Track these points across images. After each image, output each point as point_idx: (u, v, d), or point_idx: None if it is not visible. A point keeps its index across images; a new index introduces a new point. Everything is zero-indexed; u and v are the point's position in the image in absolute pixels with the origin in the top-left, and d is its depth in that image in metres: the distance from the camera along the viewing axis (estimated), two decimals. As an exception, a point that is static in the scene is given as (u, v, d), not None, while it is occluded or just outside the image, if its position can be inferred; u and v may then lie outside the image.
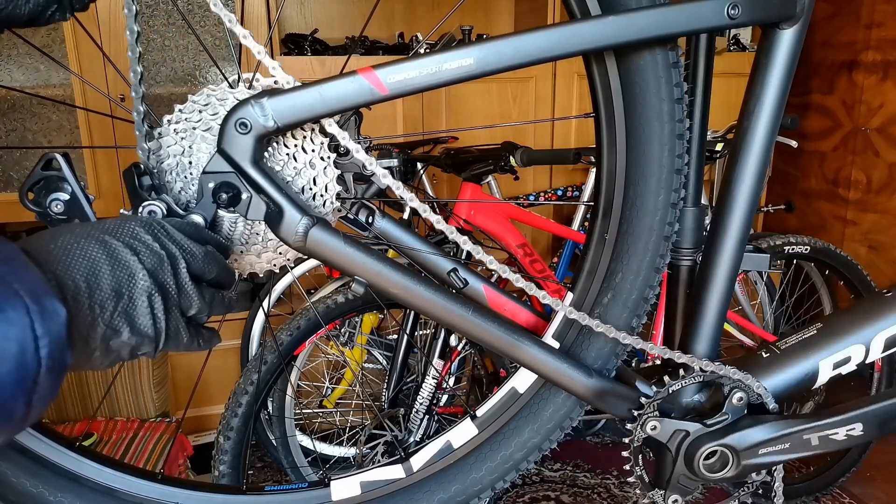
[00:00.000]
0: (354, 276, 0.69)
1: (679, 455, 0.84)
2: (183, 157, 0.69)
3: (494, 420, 0.84)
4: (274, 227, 0.66)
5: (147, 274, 0.54)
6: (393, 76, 0.65)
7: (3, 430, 0.43)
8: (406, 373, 2.06)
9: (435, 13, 3.08)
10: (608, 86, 0.76)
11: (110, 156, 2.41)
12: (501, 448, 0.83)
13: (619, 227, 0.80)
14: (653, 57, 0.73)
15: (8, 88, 2.30)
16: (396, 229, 0.85)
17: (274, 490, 0.81)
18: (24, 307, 0.43)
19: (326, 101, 0.65)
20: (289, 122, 0.65)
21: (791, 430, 0.83)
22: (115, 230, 0.55)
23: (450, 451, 0.83)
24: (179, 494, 0.77)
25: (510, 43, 0.67)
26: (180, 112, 0.69)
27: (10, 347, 0.41)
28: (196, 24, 2.43)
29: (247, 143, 0.64)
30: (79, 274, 0.51)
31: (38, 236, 0.53)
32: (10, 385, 0.41)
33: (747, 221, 0.83)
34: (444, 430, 0.85)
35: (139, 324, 0.54)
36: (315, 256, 0.67)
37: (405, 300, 0.71)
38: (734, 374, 0.82)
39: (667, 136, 0.75)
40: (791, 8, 0.74)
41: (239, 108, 0.64)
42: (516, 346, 0.76)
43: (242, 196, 0.66)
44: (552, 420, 0.83)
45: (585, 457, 2.54)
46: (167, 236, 0.58)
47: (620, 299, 0.80)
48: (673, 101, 0.75)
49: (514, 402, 0.84)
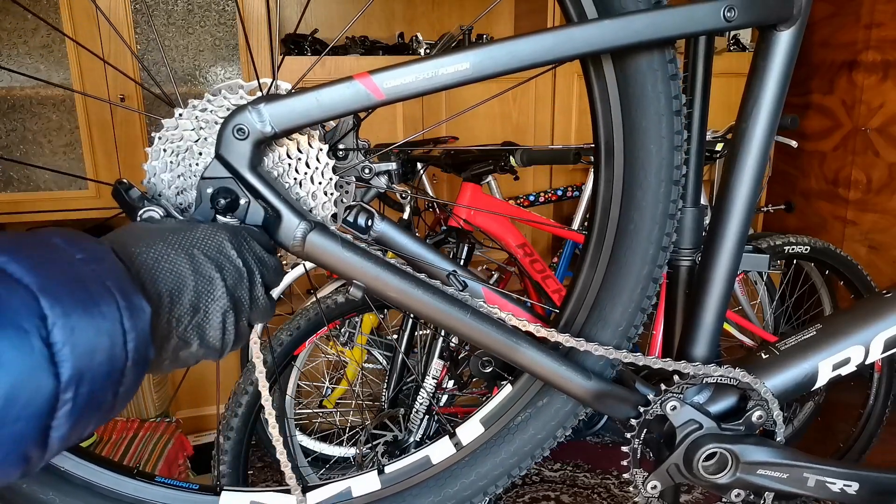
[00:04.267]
0: (353, 280, 0.69)
1: (683, 444, 0.84)
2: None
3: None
4: (272, 233, 0.66)
5: (226, 291, 0.56)
6: (389, 81, 0.66)
7: (93, 418, 0.45)
8: (406, 373, 2.06)
9: (435, 13, 3.08)
10: (605, 90, 0.76)
11: (111, 155, 2.42)
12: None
13: (615, 239, 0.80)
14: (650, 60, 0.73)
15: (13, 72, 2.30)
16: (396, 232, 0.85)
17: (163, 483, 0.80)
18: (114, 303, 0.45)
19: (323, 107, 0.65)
20: (286, 127, 0.65)
21: (794, 461, 0.84)
22: (205, 243, 0.57)
23: (349, 498, 0.84)
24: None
25: (506, 47, 0.67)
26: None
27: (103, 340, 0.43)
28: (196, 23, 2.43)
29: (244, 148, 0.65)
30: (164, 287, 0.53)
31: (128, 235, 0.55)
32: (102, 375, 0.44)
33: (746, 222, 0.83)
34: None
35: (209, 337, 0.56)
36: (313, 261, 0.67)
37: (403, 304, 0.71)
38: (742, 377, 0.82)
39: (665, 149, 0.76)
40: (788, 10, 0.74)
41: (236, 114, 0.65)
42: (515, 349, 0.76)
43: (241, 201, 0.66)
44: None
45: (585, 457, 2.54)
46: (249, 249, 0.60)
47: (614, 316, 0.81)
48: (671, 107, 0.75)
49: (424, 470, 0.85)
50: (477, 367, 0.93)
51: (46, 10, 2.27)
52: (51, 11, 2.28)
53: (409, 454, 0.85)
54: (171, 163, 0.69)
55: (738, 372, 0.82)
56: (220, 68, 2.50)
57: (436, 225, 2.16)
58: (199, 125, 0.68)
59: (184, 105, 0.69)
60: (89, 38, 2.32)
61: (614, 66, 0.75)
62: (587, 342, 0.78)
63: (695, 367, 0.81)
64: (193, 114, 0.69)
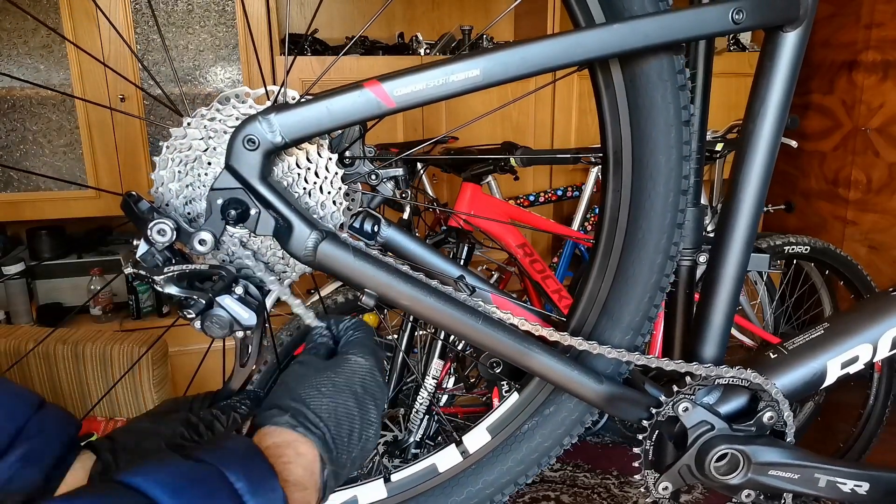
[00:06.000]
0: (365, 290, 0.69)
1: (694, 445, 0.84)
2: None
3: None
4: (283, 243, 0.66)
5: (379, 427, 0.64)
6: (400, 89, 0.65)
7: None
8: (406, 373, 2.06)
9: (435, 13, 3.07)
10: (614, 98, 0.76)
11: (110, 155, 2.41)
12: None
13: (622, 249, 0.80)
14: (660, 68, 0.73)
15: (13, 77, 2.29)
16: (402, 237, 0.85)
17: None
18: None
19: (334, 116, 0.64)
20: (296, 137, 0.65)
21: (805, 462, 0.84)
22: (375, 389, 0.64)
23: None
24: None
25: (516, 53, 0.67)
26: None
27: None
28: (196, 23, 2.43)
29: (255, 159, 0.64)
30: (344, 453, 0.59)
31: (314, 397, 0.60)
32: None
33: (754, 222, 0.83)
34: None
35: (358, 464, 0.62)
36: (325, 271, 0.67)
37: (416, 312, 0.71)
38: (753, 378, 0.82)
39: (674, 159, 0.75)
40: (794, 11, 0.74)
41: (246, 125, 0.64)
42: (527, 354, 0.76)
43: (251, 212, 0.66)
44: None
45: (585, 457, 2.54)
46: (382, 373, 0.66)
47: (623, 322, 0.81)
48: (680, 117, 0.74)
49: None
50: (486, 369, 0.93)
51: (46, 11, 2.26)
52: (50, 12, 2.27)
53: (415, 462, 0.85)
54: (179, 172, 0.68)
55: (751, 373, 0.82)
56: (220, 68, 2.49)
57: (436, 225, 2.16)
58: (208, 134, 0.68)
59: (190, 112, 0.69)
60: (89, 38, 2.31)
61: (623, 73, 0.74)
62: (600, 345, 0.78)
63: (707, 369, 0.81)
64: (202, 123, 0.68)
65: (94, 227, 2.71)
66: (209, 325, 0.63)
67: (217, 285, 0.64)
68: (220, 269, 0.65)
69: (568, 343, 0.76)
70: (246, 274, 0.69)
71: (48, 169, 2.41)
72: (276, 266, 0.72)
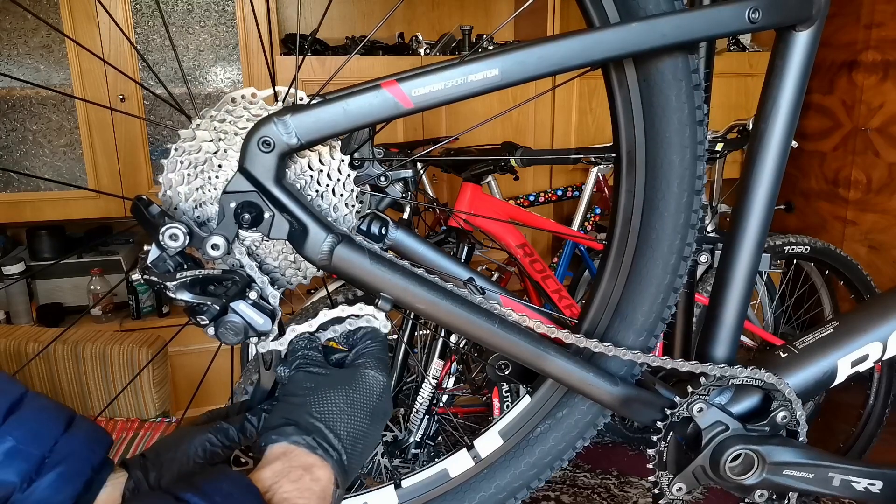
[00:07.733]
0: (380, 294, 0.68)
1: (709, 446, 0.84)
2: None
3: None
4: (298, 246, 0.65)
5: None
6: (418, 89, 0.64)
7: None
8: (406, 372, 2.05)
9: (435, 13, 3.06)
10: (628, 98, 0.75)
11: (110, 156, 2.40)
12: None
13: (636, 249, 0.80)
14: (674, 67, 0.73)
15: (13, 78, 2.28)
16: (411, 240, 0.84)
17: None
18: None
19: (350, 117, 0.63)
20: (312, 138, 0.63)
21: (820, 461, 0.84)
22: (387, 407, 0.64)
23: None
24: None
25: (534, 52, 0.66)
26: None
27: None
28: (196, 23, 2.42)
29: (270, 161, 0.63)
30: (354, 473, 0.60)
31: (333, 414, 0.60)
32: None
33: (766, 222, 0.83)
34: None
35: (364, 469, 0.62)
36: (340, 274, 0.66)
37: (431, 316, 0.70)
38: (768, 378, 0.82)
39: (688, 159, 0.75)
40: (807, 10, 0.74)
41: (261, 126, 0.63)
42: (543, 357, 0.75)
43: (265, 215, 0.64)
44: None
45: (585, 457, 2.54)
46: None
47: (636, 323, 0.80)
48: (695, 117, 0.74)
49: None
50: (494, 372, 0.92)
51: (46, 10, 2.25)
52: (51, 11, 2.26)
53: (426, 467, 0.84)
54: (188, 175, 0.67)
55: (765, 373, 0.82)
56: (220, 68, 2.48)
57: (436, 225, 2.15)
58: (219, 136, 0.67)
59: (198, 114, 0.67)
60: (89, 38, 2.30)
61: (637, 73, 0.74)
62: (615, 347, 0.77)
63: (721, 369, 0.81)
64: (211, 124, 0.66)
65: (94, 227, 2.71)
66: (223, 332, 0.62)
67: (231, 290, 0.63)
68: (234, 274, 0.64)
69: (584, 346, 0.76)
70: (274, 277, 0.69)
71: (48, 169, 2.40)
72: (286, 270, 0.71)
